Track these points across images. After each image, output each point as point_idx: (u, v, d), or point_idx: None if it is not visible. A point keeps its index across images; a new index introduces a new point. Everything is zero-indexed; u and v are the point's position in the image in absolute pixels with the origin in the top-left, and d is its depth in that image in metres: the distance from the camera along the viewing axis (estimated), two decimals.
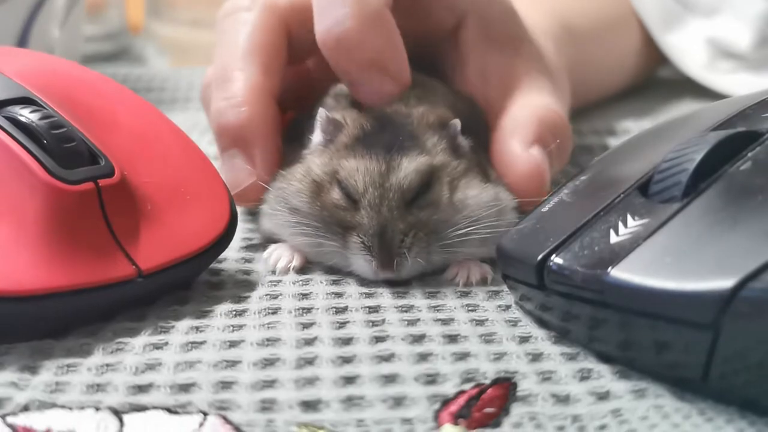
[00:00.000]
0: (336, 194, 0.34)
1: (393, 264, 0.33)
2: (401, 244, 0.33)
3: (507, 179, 0.37)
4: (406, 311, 0.32)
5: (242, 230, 0.38)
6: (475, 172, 0.35)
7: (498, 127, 0.38)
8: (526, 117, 0.38)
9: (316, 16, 0.36)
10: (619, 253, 0.28)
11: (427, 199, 0.34)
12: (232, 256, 0.37)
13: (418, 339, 0.30)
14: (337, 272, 0.35)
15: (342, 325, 0.31)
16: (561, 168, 0.40)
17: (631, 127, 0.52)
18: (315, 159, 0.35)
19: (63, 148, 0.31)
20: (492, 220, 0.34)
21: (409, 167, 0.34)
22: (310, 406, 0.27)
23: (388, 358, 0.29)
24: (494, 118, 0.39)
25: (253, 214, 0.39)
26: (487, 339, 0.31)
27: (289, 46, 0.39)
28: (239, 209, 0.36)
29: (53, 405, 0.27)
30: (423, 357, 0.29)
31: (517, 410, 0.27)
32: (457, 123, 0.35)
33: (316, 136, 0.36)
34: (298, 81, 0.42)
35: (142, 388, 0.28)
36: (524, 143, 0.37)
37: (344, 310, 0.32)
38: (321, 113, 0.36)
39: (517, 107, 0.39)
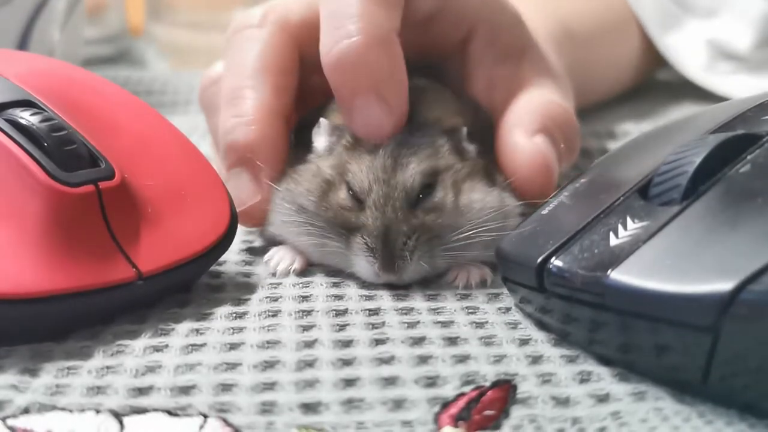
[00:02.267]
0: (343, 194, 0.34)
1: (395, 266, 0.33)
2: (404, 246, 0.33)
3: (512, 172, 0.36)
4: (406, 314, 0.32)
5: (242, 233, 0.38)
6: (480, 174, 0.35)
7: (501, 123, 0.38)
8: (529, 109, 0.37)
9: (323, 34, 0.35)
10: (618, 256, 0.28)
11: (431, 201, 0.34)
12: (232, 258, 0.37)
13: (418, 341, 0.30)
14: (338, 275, 0.35)
15: (342, 327, 0.31)
16: (569, 164, 0.40)
17: (631, 129, 0.52)
18: (323, 161, 0.35)
19: (63, 151, 0.31)
20: (496, 224, 0.34)
21: (415, 167, 0.34)
22: (310, 408, 0.27)
23: (388, 360, 0.29)
24: (499, 118, 0.38)
25: None
26: (487, 341, 0.31)
27: (300, 64, 0.38)
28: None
29: (53, 407, 0.27)
30: (423, 359, 0.29)
31: (517, 412, 0.27)
32: (463, 129, 0.35)
33: (320, 143, 0.36)
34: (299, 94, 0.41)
35: (142, 391, 0.28)
36: (527, 133, 0.36)
37: (344, 312, 0.32)
38: (323, 123, 0.36)
39: (521, 102, 0.38)
